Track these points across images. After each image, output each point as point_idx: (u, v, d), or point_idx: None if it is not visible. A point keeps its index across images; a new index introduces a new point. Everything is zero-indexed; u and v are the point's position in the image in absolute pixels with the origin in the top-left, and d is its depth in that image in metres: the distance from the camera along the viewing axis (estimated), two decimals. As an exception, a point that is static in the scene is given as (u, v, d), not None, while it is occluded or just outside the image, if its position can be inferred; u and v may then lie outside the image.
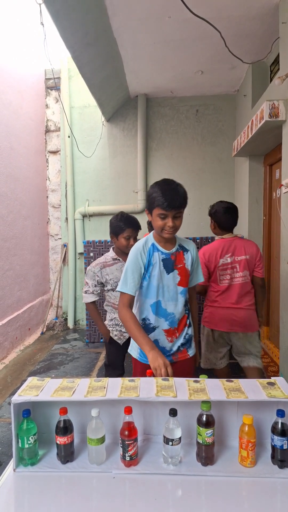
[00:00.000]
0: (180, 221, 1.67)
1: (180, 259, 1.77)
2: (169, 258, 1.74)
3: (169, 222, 1.62)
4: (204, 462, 1.19)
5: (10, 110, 4.22)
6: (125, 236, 2.36)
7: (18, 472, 1.19)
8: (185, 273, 1.78)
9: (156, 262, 1.73)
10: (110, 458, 1.23)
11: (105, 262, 2.44)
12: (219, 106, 5.04)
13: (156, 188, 1.65)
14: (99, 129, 5.17)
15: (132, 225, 2.37)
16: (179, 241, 1.82)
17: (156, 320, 1.76)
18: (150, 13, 3.08)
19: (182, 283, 1.76)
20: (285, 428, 1.17)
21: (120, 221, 2.36)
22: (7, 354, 4.11)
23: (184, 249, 1.80)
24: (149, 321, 1.77)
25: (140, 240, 1.82)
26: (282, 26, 2.86)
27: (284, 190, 2.89)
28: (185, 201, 1.65)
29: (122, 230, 2.36)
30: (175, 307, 1.76)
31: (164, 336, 1.78)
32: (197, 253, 1.87)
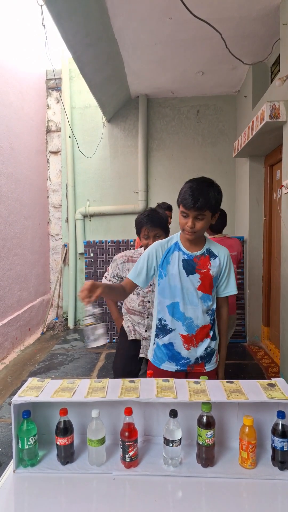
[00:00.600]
0: (203, 224, 1.56)
1: (205, 263, 1.66)
2: (191, 260, 1.65)
3: (189, 222, 1.55)
4: (204, 464, 1.19)
5: (11, 111, 4.22)
6: (144, 234, 2.14)
7: (18, 473, 1.19)
8: (209, 279, 1.65)
9: (175, 261, 1.65)
10: (110, 459, 1.23)
11: (131, 257, 2.29)
12: (219, 106, 5.04)
13: (188, 184, 1.58)
14: (100, 130, 5.18)
15: (153, 222, 2.10)
16: (209, 245, 1.70)
17: (172, 322, 1.68)
18: (151, 14, 3.08)
19: (203, 288, 1.65)
20: (286, 429, 1.16)
21: (143, 217, 2.14)
22: (7, 354, 4.11)
23: (212, 254, 1.68)
24: (165, 322, 1.70)
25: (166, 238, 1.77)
26: (283, 28, 2.86)
27: (284, 190, 2.89)
28: (211, 204, 1.54)
29: (141, 227, 2.15)
30: (194, 312, 1.65)
31: (181, 342, 1.67)
32: (230, 261, 1.72)
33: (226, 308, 1.81)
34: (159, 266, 1.68)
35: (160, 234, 2.11)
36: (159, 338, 1.72)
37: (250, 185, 4.32)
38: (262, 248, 4.36)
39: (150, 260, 1.68)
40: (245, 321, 4.56)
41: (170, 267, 1.65)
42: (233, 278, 1.75)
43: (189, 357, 1.68)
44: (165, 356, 1.70)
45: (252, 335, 4.51)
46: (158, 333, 1.73)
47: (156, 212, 2.16)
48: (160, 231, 2.11)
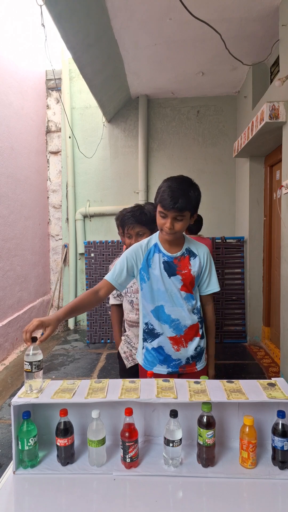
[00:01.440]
0: (182, 225, 1.51)
1: (185, 264, 1.62)
2: (171, 262, 1.60)
3: (167, 223, 1.50)
4: (205, 464, 1.19)
5: (11, 111, 4.22)
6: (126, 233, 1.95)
7: (18, 474, 1.19)
8: (190, 279, 1.62)
9: (156, 264, 1.60)
10: (110, 459, 1.23)
11: None
12: (220, 107, 5.04)
13: (166, 183, 1.53)
14: (100, 130, 5.18)
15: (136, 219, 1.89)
16: (188, 244, 1.66)
17: (159, 326, 1.64)
18: (151, 15, 3.09)
19: (185, 288, 1.61)
20: (286, 429, 1.16)
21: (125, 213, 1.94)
22: (8, 355, 4.11)
23: (191, 253, 1.64)
24: (152, 326, 1.65)
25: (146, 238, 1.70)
26: (282, 28, 2.86)
27: (284, 191, 2.89)
28: (191, 204, 1.49)
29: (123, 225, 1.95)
30: (180, 313, 1.62)
31: (170, 344, 1.63)
32: (210, 259, 1.69)
33: (211, 306, 1.78)
34: (141, 270, 1.63)
35: (144, 232, 1.91)
36: (148, 342, 1.68)
37: (250, 185, 4.32)
38: (262, 248, 4.36)
39: (130, 263, 1.62)
40: (246, 321, 4.56)
41: (151, 270, 1.61)
42: (214, 276, 1.71)
43: (180, 358, 1.65)
44: (156, 360, 1.67)
45: (252, 335, 4.51)
46: (146, 337, 1.68)
47: (141, 207, 1.94)
48: (144, 229, 1.90)
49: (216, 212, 5.08)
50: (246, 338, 4.54)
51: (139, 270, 1.63)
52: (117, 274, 1.62)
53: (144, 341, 1.70)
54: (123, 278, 1.62)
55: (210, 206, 5.07)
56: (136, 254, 1.63)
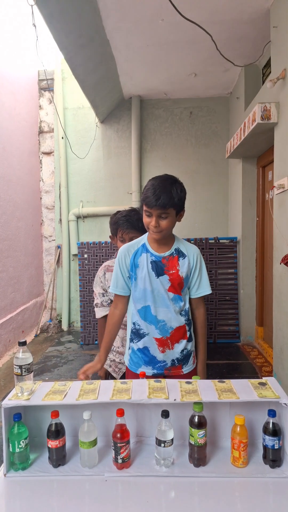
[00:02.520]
0: (168, 223, 1.51)
1: (173, 264, 1.60)
2: (159, 261, 1.59)
3: (152, 221, 1.50)
4: (196, 463, 1.19)
5: (3, 111, 4.20)
6: (119, 237, 1.94)
7: (8, 477, 1.18)
8: (178, 280, 1.59)
9: (144, 263, 1.59)
10: (102, 461, 1.23)
11: (109, 266, 2.04)
12: (212, 108, 5.06)
13: (150, 182, 1.53)
14: (93, 131, 5.17)
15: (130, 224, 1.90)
16: (178, 244, 1.65)
17: (146, 326, 1.62)
18: (143, 16, 3.09)
19: (173, 289, 1.60)
20: (277, 428, 1.17)
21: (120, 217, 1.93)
22: (0, 357, 4.09)
23: (181, 253, 1.62)
24: (139, 326, 1.64)
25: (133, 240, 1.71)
26: (274, 30, 2.88)
27: (276, 191, 2.91)
28: (174, 201, 1.48)
29: (116, 229, 1.94)
30: (166, 314, 1.60)
31: (156, 346, 1.62)
32: (201, 260, 1.66)
33: (202, 310, 1.73)
34: (129, 270, 1.63)
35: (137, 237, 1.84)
36: (134, 343, 1.67)
37: (243, 186, 4.35)
38: (255, 248, 4.39)
39: (121, 266, 1.64)
40: (239, 321, 4.58)
41: (139, 270, 1.60)
42: (205, 278, 1.68)
43: (165, 359, 1.63)
44: (141, 361, 1.65)
45: (245, 335, 4.53)
46: (133, 337, 1.67)
47: (136, 212, 1.93)
48: (139, 234, 1.85)
49: (209, 213, 5.10)
50: (239, 338, 4.55)
51: (128, 270, 1.65)
52: (116, 282, 1.66)
53: (130, 341, 1.69)
54: (123, 283, 1.65)
55: (203, 207, 5.09)
56: (124, 256, 1.64)
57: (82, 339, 4.62)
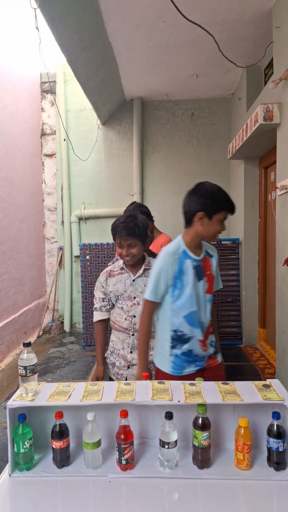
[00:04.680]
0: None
1: (208, 265, 1.71)
2: (199, 265, 1.67)
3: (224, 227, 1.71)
4: (200, 465, 1.19)
5: (5, 114, 4.21)
6: (117, 242, 1.87)
7: (13, 477, 1.19)
8: (212, 280, 1.73)
9: (188, 269, 1.64)
10: (106, 462, 1.23)
11: (112, 271, 1.99)
12: (214, 109, 5.07)
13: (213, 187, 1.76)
14: (95, 132, 5.18)
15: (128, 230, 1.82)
16: (205, 246, 1.75)
17: (191, 330, 1.67)
18: (145, 18, 3.10)
19: (209, 290, 1.71)
20: (281, 430, 1.17)
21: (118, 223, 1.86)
22: (3, 358, 4.09)
23: (209, 254, 1.75)
24: (181, 332, 1.67)
25: (170, 244, 1.71)
26: (276, 31, 2.88)
27: (279, 192, 2.91)
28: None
29: (115, 234, 1.88)
30: (205, 316, 1.71)
31: (199, 346, 1.69)
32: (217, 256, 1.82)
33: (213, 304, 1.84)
34: (175, 278, 1.64)
35: (135, 243, 1.85)
36: (177, 349, 1.69)
37: (245, 187, 4.34)
38: (258, 250, 4.38)
39: (166, 274, 1.64)
40: (241, 322, 4.58)
41: (185, 277, 1.64)
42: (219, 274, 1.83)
43: (205, 355, 1.73)
44: (185, 363, 1.70)
45: (248, 337, 4.52)
46: (175, 344, 1.69)
47: (134, 219, 1.86)
48: (136, 241, 1.85)
49: (211, 214, 5.09)
50: (241, 340, 4.55)
51: (173, 278, 1.65)
52: (156, 290, 1.67)
53: (172, 348, 1.70)
54: (163, 291, 1.67)
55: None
56: (171, 265, 1.64)
57: (84, 340, 4.62)
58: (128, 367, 1.93)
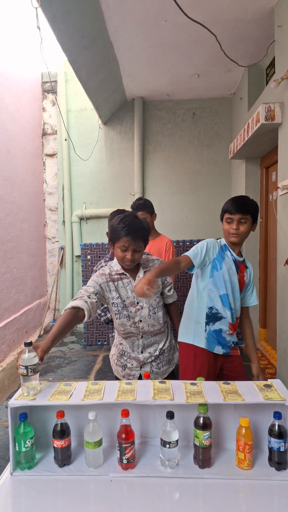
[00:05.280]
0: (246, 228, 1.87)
1: (243, 269, 1.95)
2: (235, 263, 1.92)
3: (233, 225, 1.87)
4: (201, 465, 1.19)
5: (6, 114, 4.22)
6: (121, 245, 1.72)
7: (15, 476, 1.19)
8: (242, 283, 1.95)
9: (229, 259, 1.90)
10: (107, 461, 1.23)
11: (111, 275, 1.84)
12: (215, 109, 5.06)
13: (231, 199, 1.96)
14: (96, 132, 5.18)
15: (132, 233, 1.69)
16: (243, 257, 2.01)
17: (223, 311, 1.89)
18: (146, 17, 3.10)
19: (240, 289, 1.94)
20: (282, 430, 1.17)
21: (119, 225, 1.71)
22: (4, 357, 4.10)
23: (246, 264, 1.99)
24: (216, 310, 1.89)
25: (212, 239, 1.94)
26: (278, 30, 2.88)
27: (280, 192, 2.91)
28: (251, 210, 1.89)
29: (119, 238, 1.71)
30: (236, 305, 1.93)
31: (228, 328, 1.90)
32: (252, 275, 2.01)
33: (250, 320, 2.11)
34: (215, 259, 1.89)
35: (141, 248, 1.76)
36: (210, 325, 1.90)
37: (246, 187, 4.34)
38: (259, 250, 4.38)
39: (209, 251, 1.88)
40: (242, 322, 4.57)
41: (224, 262, 1.89)
42: (254, 291, 2.02)
43: (230, 340, 1.93)
44: (216, 341, 1.90)
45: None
46: (209, 321, 1.90)
47: (138, 220, 1.76)
48: (142, 245, 1.76)
49: (212, 214, 5.09)
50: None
51: (212, 260, 1.89)
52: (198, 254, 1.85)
53: (206, 324, 1.91)
54: (201, 259, 1.86)
55: (206, 208, 5.08)
56: (213, 247, 1.90)
57: (85, 340, 4.62)
58: (141, 367, 1.90)
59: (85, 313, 1.62)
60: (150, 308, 1.84)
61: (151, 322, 1.85)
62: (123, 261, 1.75)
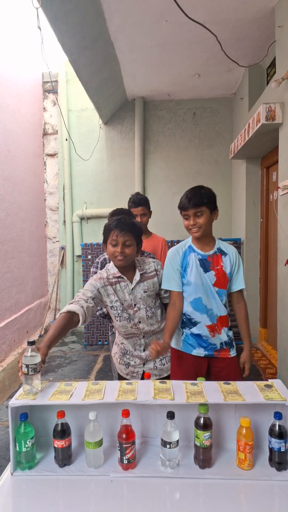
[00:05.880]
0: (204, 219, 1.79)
1: (218, 261, 1.86)
2: (206, 259, 1.85)
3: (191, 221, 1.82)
4: (201, 465, 1.19)
5: (7, 114, 4.22)
6: (112, 239, 1.72)
7: (15, 476, 1.19)
8: (223, 275, 1.85)
9: (193, 262, 1.85)
10: (107, 461, 1.23)
11: (108, 279, 1.82)
12: (216, 109, 5.06)
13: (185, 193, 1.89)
14: (97, 132, 5.19)
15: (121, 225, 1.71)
16: (219, 244, 1.91)
17: (197, 315, 1.86)
18: (147, 17, 3.10)
19: (218, 284, 1.85)
20: (283, 430, 1.17)
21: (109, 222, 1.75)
22: (5, 357, 4.10)
23: (222, 252, 1.89)
24: (189, 316, 1.87)
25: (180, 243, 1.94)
26: (278, 30, 2.88)
27: (280, 192, 2.91)
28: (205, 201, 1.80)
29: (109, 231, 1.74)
30: (213, 304, 1.85)
31: (207, 331, 1.86)
32: (239, 258, 1.92)
33: (243, 303, 1.99)
34: (181, 267, 1.86)
35: (131, 242, 1.73)
36: (187, 329, 1.89)
37: (246, 187, 4.34)
38: (259, 250, 4.38)
39: (174, 264, 1.87)
40: (243, 322, 4.56)
41: (189, 268, 1.85)
42: (242, 274, 1.92)
43: (215, 342, 1.87)
44: (195, 344, 1.88)
45: (249, 337, 4.51)
46: (185, 325, 1.90)
47: (129, 217, 1.80)
48: (132, 239, 1.74)
49: (213, 214, 5.09)
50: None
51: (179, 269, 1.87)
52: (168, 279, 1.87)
53: (183, 328, 1.91)
54: (177, 279, 1.87)
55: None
56: (174, 256, 1.89)
57: (85, 339, 4.63)
58: (144, 364, 1.91)
59: (80, 318, 1.61)
60: (148, 309, 1.85)
61: (150, 322, 1.87)
62: (115, 256, 1.72)
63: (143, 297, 1.82)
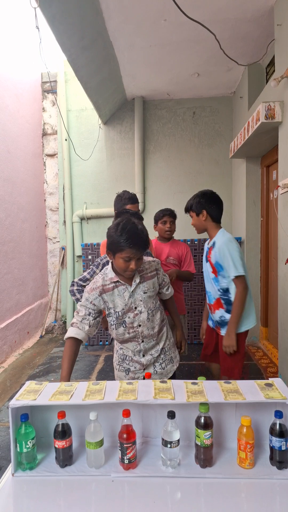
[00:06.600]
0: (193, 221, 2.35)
1: (210, 252, 2.24)
2: (207, 250, 2.29)
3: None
4: (202, 464, 1.19)
5: (6, 114, 4.22)
6: (125, 257, 1.65)
7: (16, 476, 1.19)
8: (213, 265, 2.23)
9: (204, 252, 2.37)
10: (108, 461, 1.23)
11: (104, 286, 1.77)
12: (215, 108, 5.05)
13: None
14: (96, 132, 5.18)
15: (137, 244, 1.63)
16: (217, 237, 2.23)
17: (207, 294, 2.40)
18: (145, 16, 3.10)
19: (213, 272, 2.25)
20: (283, 429, 1.17)
21: (121, 236, 1.62)
22: (6, 358, 4.10)
23: (214, 244, 2.22)
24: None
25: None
26: (278, 28, 2.88)
27: (281, 191, 2.90)
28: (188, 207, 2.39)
29: (121, 249, 1.64)
30: (210, 288, 2.33)
31: (208, 308, 2.43)
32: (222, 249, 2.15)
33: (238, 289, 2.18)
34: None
35: (142, 255, 1.72)
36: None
37: (246, 186, 4.33)
38: (260, 249, 4.37)
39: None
40: (244, 321, 4.56)
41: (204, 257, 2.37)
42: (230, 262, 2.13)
43: (214, 319, 2.37)
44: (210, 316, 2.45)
45: (250, 336, 4.51)
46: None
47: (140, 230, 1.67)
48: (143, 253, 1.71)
49: (213, 213, 5.09)
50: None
51: None
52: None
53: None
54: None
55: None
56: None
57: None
58: (144, 369, 1.87)
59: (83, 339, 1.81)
60: (149, 312, 1.80)
61: (150, 325, 1.82)
62: (126, 271, 1.68)
63: (144, 299, 1.78)
